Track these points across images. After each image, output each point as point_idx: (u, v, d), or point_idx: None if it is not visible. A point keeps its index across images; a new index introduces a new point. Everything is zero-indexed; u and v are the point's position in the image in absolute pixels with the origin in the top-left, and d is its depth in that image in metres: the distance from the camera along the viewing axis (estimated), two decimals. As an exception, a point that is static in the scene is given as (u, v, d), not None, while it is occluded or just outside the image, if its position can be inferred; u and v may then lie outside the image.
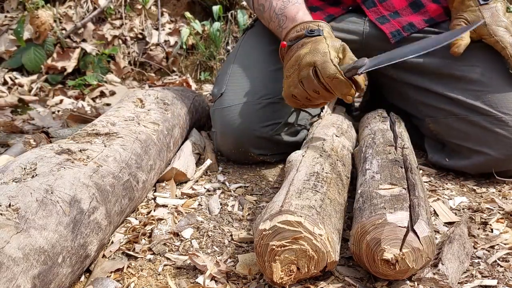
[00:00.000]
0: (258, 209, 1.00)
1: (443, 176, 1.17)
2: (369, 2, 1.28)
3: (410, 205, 0.72)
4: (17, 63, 2.33)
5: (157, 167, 1.03)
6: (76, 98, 2.14)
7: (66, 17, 2.53)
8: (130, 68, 2.49)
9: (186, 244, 0.85)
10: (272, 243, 0.68)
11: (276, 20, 1.14)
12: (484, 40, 1.12)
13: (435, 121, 1.20)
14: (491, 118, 1.08)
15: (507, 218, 0.93)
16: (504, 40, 1.08)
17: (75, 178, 0.73)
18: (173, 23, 2.70)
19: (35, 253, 0.58)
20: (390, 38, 1.23)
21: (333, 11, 1.30)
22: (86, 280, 0.74)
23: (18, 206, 0.62)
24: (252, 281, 0.73)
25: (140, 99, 1.18)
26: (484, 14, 1.11)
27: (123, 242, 0.85)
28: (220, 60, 2.52)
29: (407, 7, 1.28)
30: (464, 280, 0.73)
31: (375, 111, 1.30)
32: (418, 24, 1.23)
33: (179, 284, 0.73)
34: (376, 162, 0.91)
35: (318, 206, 0.73)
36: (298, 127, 1.22)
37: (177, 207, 0.98)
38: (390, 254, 0.66)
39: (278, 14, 1.13)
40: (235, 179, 1.16)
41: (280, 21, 1.12)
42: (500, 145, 1.07)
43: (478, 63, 1.13)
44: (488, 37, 1.10)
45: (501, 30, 1.09)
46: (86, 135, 0.93)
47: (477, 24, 1.07)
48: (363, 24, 1.27)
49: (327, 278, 0.73)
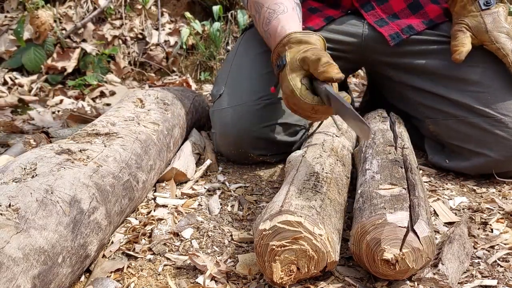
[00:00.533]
0: (258, 209, 1.00)
1: (443, 176, 1.17)
2: (367, 6, 1.28)
3: (410, 205, 0.72)
4: (17, 63, 2.33)
5: (157, 167, 1.03)
6: (76, 98, 2.14)
7: (66, 17, 2.53)
8: (130, 68, 2.49)
9: (186, 244, 0.85)
10: (272, 243, 0.68)
11: (264, 35, 1.13)
12: (486, 47, 1.11)
13: (435, 122, 1.20)
14: (491, 119, 1.08)
15: (507, 218, 0.93)
16: (505, 47, 1.07)
17: (75, 178, 0.73)
18: (173, 23, 2.70)
19: (35, 253, 0.58)
20: (389, 41, 1.23)
21: (332, 13, 1.30)
22: (86, 280, 0.74)
23: (18, 206, 0.62)
24: (252, 281, 0.73)
25: (140, 99, 1.18)
26: (486, 19, 1.10)
27: (123, 242, 0.85)
28: (220, 60, 2.52)
29: (406, 9, 1.28)
30: (464, 280, 0.73)
31: (375, 111, 1.30)
32: (417, 26, 1.23)
33: (179, 284, 0.73)
34: (376, 162, 0.91)
35: (318, 206, 0.73)
36: (298, 127, 1.22)
37: (177, 207, 0.98)
38: (390, 254, 0.66)
39: (265, 31, 1.11)
40: (235, 179, 1.16)
41: (267, 39, 1.11)
42: (500, 147, 1.07)
43: (478, 64, 1.13)
44: (489, 43, 1.10)
45: (503, 37, 1.08)
46: (86, 135, 0.93)
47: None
48: (362, 27, 1.27)
49: (327, 278, 0.73)
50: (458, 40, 1.12)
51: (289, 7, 1.09)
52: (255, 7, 1.15)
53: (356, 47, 1.27)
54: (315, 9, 1.31)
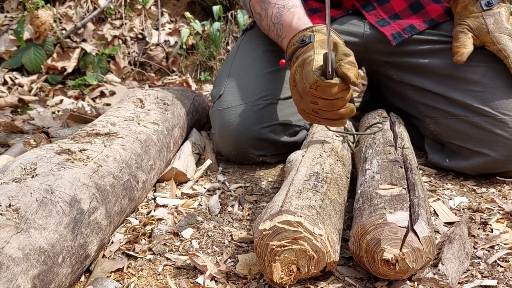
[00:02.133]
0: (258, 209, 1.00)
1: (443, 176, 1.17)
2: (368, 6, 1.28)
3: (410, 205, 0.72)
4: (17, 63, 2.33)
5: (157, 167, 1.03)
6: (76, 98, 2.14)
7: (66, 17, 2.53)
8: (130, 68, 2.49)
9: (186, 244, 0.85)
10: (272, 243, 0.68)
11: (274, 29, 1.12)
12: (487, 47, 1.11)
13: (435, 121, 1.20)
14: (492, 119, 1.08)
15: (507, 218, 0.93)
16: (507, 48, 1.07)
17: (75, 178, 0.73)
18: (173, 23, 2.70)
19: (35, 253, 0.58)
20: (391, 40, 1.23)
21: (333, 13, 1.30)
22: (86, 280, 0.74)
23: (18, 206, 0.62)
24: (252, 281, 0.73)
25: (140, 99, 1.18)
26: (487, 20, 1.09)
27: (123, 242, 0.85)
28: (220, 60, 2.52)
29: (407, 8, 1.28)
30: (464, 280, 0.73)
31: (375, 111, 1.30)
32: (418, 26, 1.23)
33: (179, 284, 0.73)
34: (376, 162, 0.91)
35: (318, 206, 0.73)
36: (298, 127, 1.22)
37: (177, 207, 0.98)
38: (390, 254, 0.66)
39: (275, 23, 1.11)
40: (235, 179, 1.16)
41: (278, 30, 1.11)
42: (500, 146, 1.07)
43: (479, 64, 1.13)
44: (491, 45, 1.09)
45: (505, 38, 1.08)
46: (86, 135, 0.93)
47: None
48: (364, 26, 1.27)
49: (327, 278, 0.73)
50: (460, 41, 1.11)
51: (297, 4, 1.11)
52: (261, 5, 1.16)
53: (357, 46, 1.27)
54: (316, 10, 1.32)
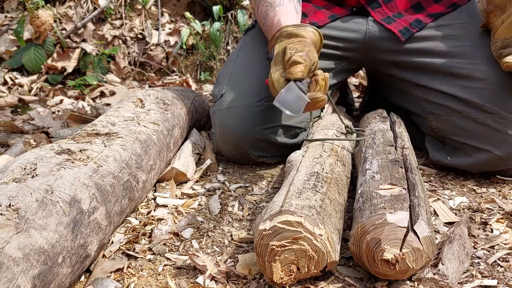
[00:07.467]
0: (258, 209, 1.00)
1: (443, 176, 1.17)
2: (374, 3, 1.28)
3: (410, 205, 0.72)
4: (17, 63, 2.33)
5: (157, 167, 1.03)
6: (76, 98, 2.14)
7: (66, 17, 2.53)
8: (130, 68, 2.49)
9: (186, 244, 0.85)
10: (272, 243, 0.68)
11: (264, 28, 1.16)
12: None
13: (437, 118, 1.19)
14: (496, 116, 1.07)
15: (507, 218, 0.93)
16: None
17: (75, 178, 0.73)
18: (173, 23, 2.70)
19: (35, 253, 0.58)
20: (400, 36, 1.23)
21: (337, 11, 1.31)
22: (86, 280, 0.74)
23: (18, 206, 0.62)
24: (252, 281, 0.73)
25: (140, 99, 1.18)
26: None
27: (123, 242, 0.85)
28: (220, 60, 2.52)
29: (410, 8, 1.28)
30: (464, 280, 0.73)
31: (375, 111, 1.30)
32: (424, 20, 1.25)
33: (179, 284, 0.73)
34: (376, 162, 0.91)
35: (318, 206, 0.73)
36: (298, 129, 1.22)
37: (177, 207, 0.98)
38: (390, 254, 0.66)
39: (263, 23, 1.15)
40: (235, 179, 1.16)
41: (266, 30, 1.15)
42: (504, 144, 1.06)
43: (483, 61, 1.13)
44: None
45: None
46: (86, 135, 0.93)
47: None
48: (366, 24, 1.27)
49: (327, 278, 0.73)
50: None
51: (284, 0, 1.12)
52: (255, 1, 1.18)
53: (359, 44, 1.27)
54: (320, 7, 1.32)
